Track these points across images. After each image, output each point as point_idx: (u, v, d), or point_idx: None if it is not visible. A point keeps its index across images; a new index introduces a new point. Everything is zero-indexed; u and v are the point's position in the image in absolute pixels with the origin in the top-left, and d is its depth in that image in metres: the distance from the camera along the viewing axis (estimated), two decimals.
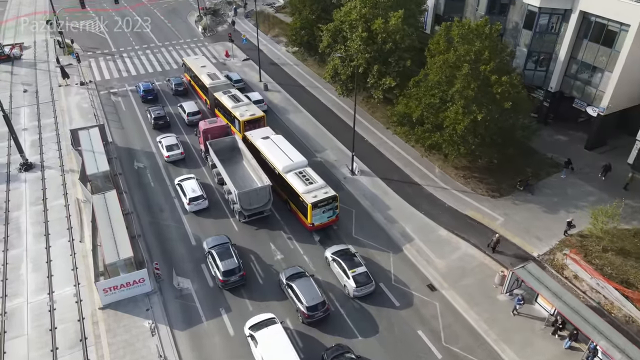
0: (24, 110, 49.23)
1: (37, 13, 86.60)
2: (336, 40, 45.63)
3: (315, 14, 52.45)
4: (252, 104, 44.63)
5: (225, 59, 62.03)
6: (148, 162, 41.48)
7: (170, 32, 70.59)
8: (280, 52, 63.39)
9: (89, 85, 54.15)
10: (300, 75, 57.18)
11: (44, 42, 66.60)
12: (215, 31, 71.18)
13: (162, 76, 56.82)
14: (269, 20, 73.45)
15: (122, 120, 47.53)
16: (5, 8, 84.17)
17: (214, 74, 49.76)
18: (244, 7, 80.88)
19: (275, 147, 37.37)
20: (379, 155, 42.43)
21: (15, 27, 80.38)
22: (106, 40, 67.58)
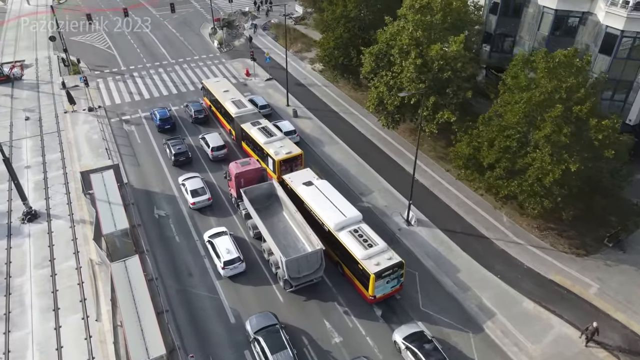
0: (26, 143, 43.71)
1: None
2: (380, 64, 40.18)
3: (349, 32, 46.91)
4: (286, 139, 39.21)
5: (246, 78, 56.59)
6: (170, 208, 36.04)
7: (183, 47, 65.11)
8: (305, 71, 57.96)
9: (98, 111, 48.68)
10: (331, 98, 51.74)
11: (46, 59, 61.10)
12: (231, 46, 65.71)
13: (179, 100, 51.36)
14: (289, 34, 67.89)
15: (138, 155, 42.06)
16: (5, 11, 79.38)
17: (239, 100, 44.32)
18: (266, 11, 75.73)
19: (322, 196, 31.96)
20: (433, 199, 37.06)
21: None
22: (114, 56, 62.07)
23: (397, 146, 43.37)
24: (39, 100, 50.95)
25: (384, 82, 39.18)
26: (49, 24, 74.09)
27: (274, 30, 70.75)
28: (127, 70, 58.04)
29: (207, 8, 78.94)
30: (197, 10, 79.63)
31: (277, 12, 78.02)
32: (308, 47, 64.21)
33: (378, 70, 40.25)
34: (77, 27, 70.28)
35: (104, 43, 66.24)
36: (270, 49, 63.67)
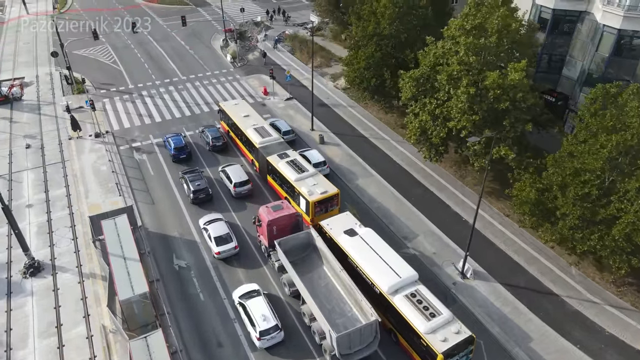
0: (28, 176, 39.43)
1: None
2: (422, 89, 36.00)
3: (382, 51, 42.68)
4: (318, 174, 35.01)
5: (264, 97, 52.34)
6: (191, 257, 31.82)
7: (194, 62, 60.85)
8: (328, 89, 53.73)
9: (106, 137, 44.44)
10: (359, 121, 47.53)
11: (47, 75, 56.78)
12: (245, 60, 61.46)
13: (193, 123, 47.13)
14: (306, 46, 63.68)
15: (151, 191, 37.82)
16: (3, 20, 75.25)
17: (262, 128, 40.12)
18: (286, 19, 71.63)
19: (369, 250, 27.79)
20: (487, 245, 32.90)
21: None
22: (120, 72, 57.78)
23: (438, 179, 39.22)
24: (40, 125, 46.65)
25: (428, 110, 35.00)
26: (49, 24, 70.23)
27: (289, 42, 66.50)
28: (135, 89, 53.76)
29: (217, 18, 74.90)
30: (207, 20, 75.40)
31: (291, 22, 73.91)
32: (328, 61, 60.02)
33: (420, 97, 36.04)
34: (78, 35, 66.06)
35: (109, 57, 61.95)
36: (286, 64, 59.48)
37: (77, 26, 71.15)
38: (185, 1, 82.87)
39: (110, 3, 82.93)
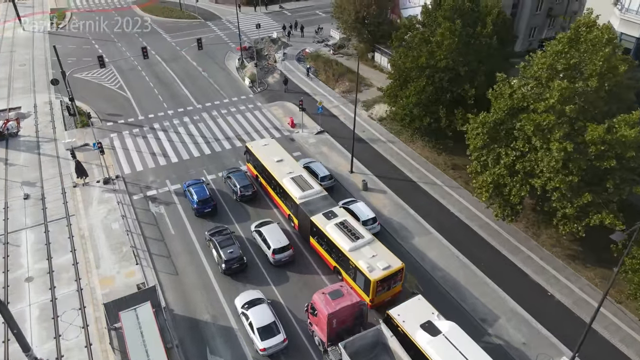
0: (26, 237, 33.58)
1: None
2: (496, 138, 30.40)
3: (434, 84, 37.01)
4: (376, 241, 29.43)
5: (292, 130, 46.61)
6: (228, 352, 26.11)
7: (209, 87, 55.06)
8: (361, 119, 48.03)
9: (116, 183, 38.63)
10: (403, 160, 41.89)
11: (47, 104, 50.84)
12: (265, 84, 55.68)
13: (214, 163, 41.42)
14: (330, 68, 58.00)
15: (174, 257, 32.07)
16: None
17: (301, 177, 34.49)
18: (317, 30, 65.69)
19: (457, 355, 22.09)
20: (577, 324, 27.19)
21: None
22: (128, 100, 51.90)
23: (507, 237, 33.69)
24: (40, 168, 40.76)
25: (505, 163, 29.37)
26: (47, 43, 64.38)
27: (311, 62, 60.75)
28: (146, 120, 47.90)
29: (229, 33, 69.20)
30: (218, 35, 69.52)
31: (310, 38, 68.19)
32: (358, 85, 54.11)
33: (493, 146, 30.41)
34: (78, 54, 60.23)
35: (114, 81, 56.03)
36: (312, 89, 53.80)
37: (77, 46, 65.14)
38: (193, 15, 76.99)
39: (114, 18, 76.86)
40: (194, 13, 77.20)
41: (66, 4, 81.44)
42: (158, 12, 78.15)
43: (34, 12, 77.20)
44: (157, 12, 78.18)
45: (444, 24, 35.02)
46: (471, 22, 36.07)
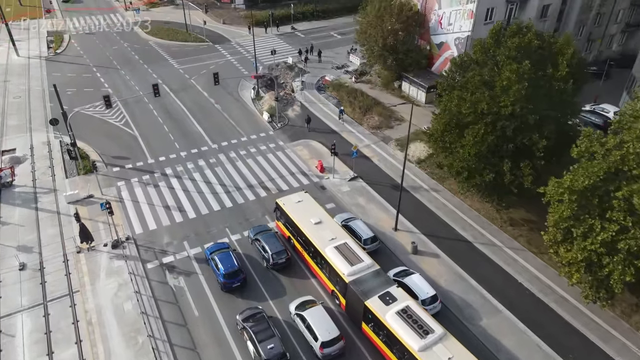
0: (22, 322, 28.28)
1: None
2: (587, 206, 25.43)
3: (496, 133, 32.02)
4: (449, 337, 24.35)
5: (321, 175, 41.56)
6: None
7: (224, 122, 50.02)
8: (397, 161, 43.09)
9: (126, 246, 33.37)
10: (452, 214, 36.96)
11: (44, 145, 45.61)
12: (286, 119, 50.67)
13: (237, 219, 36.38)
14: (354, 99, 53.09)
15: (200, 347, 26.87)
16: None
17: (346, 246, 29.48)
18: (352, 49, 60.67)
19: None
20: None
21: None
22: (136, 139, 46.76)
23: (594, 318, 28.68)
24: (38, 228, 35.47)
25: (602, 240, 24.36)
26: (44, 72, 59.27)
27: (332, 92, 55.86)
28: (156, 165, 42.73)
29: (240, 58, 64.47)
30: (228, 61, 64.57)
31: (328, 63, 63.37)
32: (388, 120, 49.31)
33: (584, 216, 25.41)
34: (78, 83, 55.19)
35: (119, 116, 50.86)
36: (334, 121, 48.84)
37: (77, 74, 60.02)
38: (200, 37, 72.04)
39: (114, 40, 71.86)
40: (201, 35, 72.27)
41: (64, 27, 76.34)
42: (162, 35, 73.19)
43: (29, 36, 71.92)
44: (161, 35, 73.21)
45: (510, 66, 30.14)
46: (540, 62, 31.22)
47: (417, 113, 50.15)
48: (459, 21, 49.31)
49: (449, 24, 50.72)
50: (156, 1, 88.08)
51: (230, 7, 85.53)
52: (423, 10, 53.40)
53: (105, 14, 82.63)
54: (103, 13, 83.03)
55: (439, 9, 51.36)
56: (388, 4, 52.17)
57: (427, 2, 52.73)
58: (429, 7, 52.67)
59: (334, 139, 43.84)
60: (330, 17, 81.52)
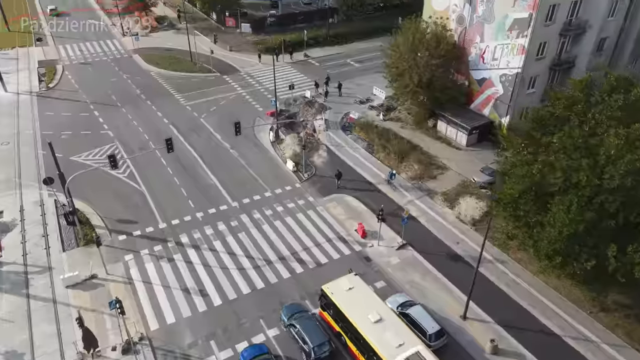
0: None
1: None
2: None
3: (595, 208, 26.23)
4: None
5: (363, 242, 35.62)
6: None
7: (242, 172, 44.08)
8: (448, 222, 37.48)
9: (140, 351, 27.00)
10: (529, 296, 31.17)
11: (37, 206, 39.26)
12: (312, 168, 44.74)
13: (271, 305, 30.46)
14: (387, 142, 47.35)
15: None
16: None
17: (419, 357, 23.23)
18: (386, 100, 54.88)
19: None
20: None
21: None
22: (143, 196, 40.57)
23: None
24: (29, 321, 29.01)
25: None
26: (35, 111, 53.01)
27: (360, 132, 50.10)
28: (169, 230, 36.56)
29: (253, 91, 59.08)
30: (240, 95, 58.72)
31: (350, 97, 57.72)
32: (428, 168, 43.54)
33: None
34: (74, 124, 49.00)
35: (123, 166, 44.56)
36: (366, 169, 43.00)
37: (73, 113, 53.76)
38: (206, 67, 66.14)
39: (111, 70, 65.75)
40: (207, 65, 66.32)
41: (56, 55, 70.08)
42: (165, 64, 67.18)
43: (19, 67, 65.58)
44: (163, 64, 67.19)
45: (616, 130, 24.53)
46: None
47: (459, 158, 45.09)
48: (506, 56, 43.96)
49: (493, 59, 45.33)
50: (156, 26, 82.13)
51: (235, 32, 79.86)
52: (461, 42, 48.07)
53: (100, 40, 76.53)
54: (98, 39, 76.91)
55: (480, 42, 46.01)
56: (422, 35, 46.68)
57: (465, 33, 47.37)
58: (468, 39, 47.32)
59: (380, 202, 38.14)
60: (344, 42, 76.12)
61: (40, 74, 62.92)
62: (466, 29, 47.21)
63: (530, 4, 40.27)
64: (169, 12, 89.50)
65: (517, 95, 44.51)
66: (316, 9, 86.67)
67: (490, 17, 44.17)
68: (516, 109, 45.34)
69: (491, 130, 47.18)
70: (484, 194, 39.68)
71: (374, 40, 76.46)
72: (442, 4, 48.93)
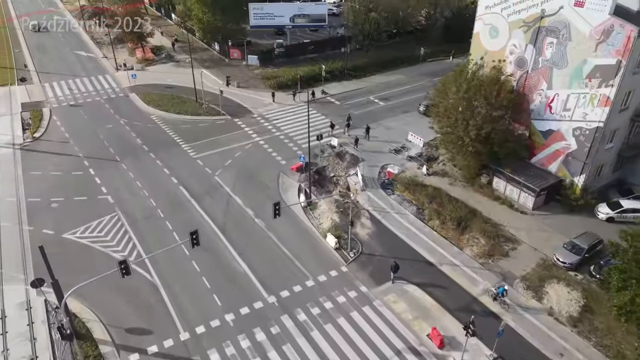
0: None
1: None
2: None
3: None
4: None
5: (441, 355, 28.10)
6: None
7: (274, 250, 36.62)
8: (541, 322, 30.06)
9: None
10: None
11: (22, 309, 31.06)
12: (358, 245, 37.31)
13: None
14: (440, 206, 40.32)
15: None
16: None
17: None
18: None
19: None
20: None
21: None
22: (155, 289, 32.77)
23: None
24: None
25: None
26: (19, 176, 44.87)
27: (404, 192, 42.98)
28: (193, 344, 28.81)
29: (271, 139, 52.63)
30: (257, 144, 51.37)
31: (381, 143, 50.76)
32: (495, 240, 36.44)
33: None
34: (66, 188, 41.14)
35: (128, 246, 36.72)
36: (428, 249, 35.75)
37: (63, 172, 45.78)
38: (214, 108, 58.75)
39: (106, 114, 58.01)
40: (215, 106, 58.90)
41: (42, 95, 62.10)
42: (166, 105, 59.65)
43: None
44: (165, 105, 59.66)
45: None
46: None
47: (527, 226, 38.20)
48: (582, 107, 37.42)
49: (564, 109, 38.79)
50: (152, 58, 74.60)
51: (241, 65, 72.76)
52: (520, 88, 41.50)
53: (92, 76, 68.81)
54: (89, 75, 69.16)
55: (548, 89, 39.45)
56: (478, 81, 39.95)
57: (527, 78, 40.82)
58: (530, 85, 40.81)
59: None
60: (362, 75, 69.59)
61: (25, 121, 54.77)
62: (528, 73, 40.65)
63: (619, 50, 33.83)
64: (166, 41, 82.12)
65: (595, 152, 37.91)
66: (327, 37, 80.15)
67: (562, 62, 37.69)
68: (592, 166, 38.77)
69: (559, 191, 40.57)
70: (575, 278, 32.72)
71: (393, 72, 70.60)
72: (496, 43, 42.48)
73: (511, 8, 40.32)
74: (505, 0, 40.51)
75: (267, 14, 73.67)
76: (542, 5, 37.78)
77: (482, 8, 43.00)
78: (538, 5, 38.11)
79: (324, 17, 75.07)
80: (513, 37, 40.93)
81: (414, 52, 76.03)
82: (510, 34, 41.10)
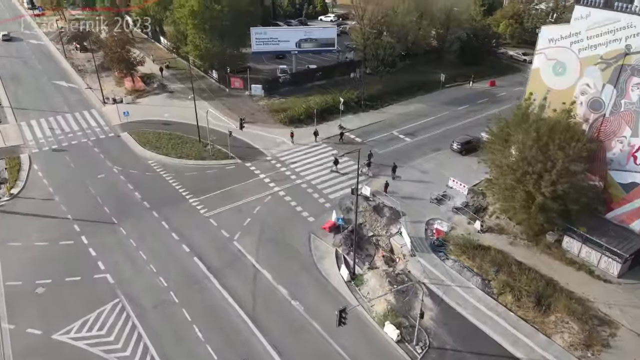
0: None
1: None
2: None
3: None
4: None
5: None
6: None
7: (323, 348, 29.64)
8: None
9: None
10: None
11: None
12: (424, 334, 30.47)
13: None
14: (510, 276, 33.88)
15: None
16: None
17: None
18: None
19: None
20: None
21: None
22: None
23: None
24: None
25: None
26: None
27: (460, 256, 36.47)
28: None
29: (292, 188, 45.98)
30: (277, 196, 44.40)
31: (413, 187, 44.29)
32: (589, 324, 30.08)
33: None
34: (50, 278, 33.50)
35: (135, 346, 29.12)
36: (499, 330, 29.19)
37: (50, 242, 37.93)
38: (221, 149, 51.52)
39: (96, 160, 50.26)
40: (223, 147, 51.64)
41: (19, 138, 53.98)
42: (166, 148, 52.21)
43: None
44: (164, 148, 52.21)
45: None
46: None
47: (618, 302, 31.96)
48: None
49: None
50: (143, 88, 67.03)
51: (243, 95, 65.78)
52: (594, 133, 35.62)
53: (76, 112, 60.95)
54: (72, 110, 61.29)
55: (632, 136, 33.61)
56: (550, 126, 33.92)
57: (602, 123, 34.94)
58: (607, 130, 35.02)
59: None
60: (379, 105, 63.38)
61: (1, 178, 46.55)
62: (605, 117, 34.76)
63: None
64: (156, 68, 74.52)
65: None
66: (336, 62, 73.85)
67: None
68: None
69: None
70: None
71: (411, 101, 64.89)
72: (563, 81, 36.69)
73: (584, 42, 34.51)
74: (577, 34, 34.65)
75: (271, 39, 67.04)
76: (627, 40, 31.96)
77: (544, 41, 37.14)
78: (621, 40, 32.35)
79: (333, 41, 68.78)
80: (586, 75, 35.10)
81: (428, 76, 70.55)
82: (581, 72, 35.25)
